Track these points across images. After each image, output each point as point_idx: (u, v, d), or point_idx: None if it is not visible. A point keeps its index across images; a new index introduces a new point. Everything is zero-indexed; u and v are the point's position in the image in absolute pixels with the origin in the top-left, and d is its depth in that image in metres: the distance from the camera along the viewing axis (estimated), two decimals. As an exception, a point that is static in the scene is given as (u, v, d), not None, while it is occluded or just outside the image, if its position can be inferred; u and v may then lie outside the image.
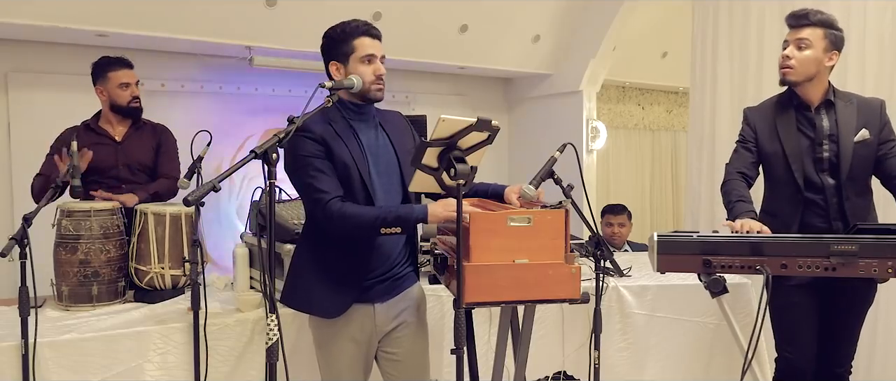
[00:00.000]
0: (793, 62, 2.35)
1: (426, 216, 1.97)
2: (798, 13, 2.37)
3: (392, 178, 2.13)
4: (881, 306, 3.38)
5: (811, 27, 2.34)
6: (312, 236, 2.13)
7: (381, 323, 2.15)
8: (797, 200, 2.39)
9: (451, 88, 5.50)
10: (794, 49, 2.36)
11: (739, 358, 2.01)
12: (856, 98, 2.45)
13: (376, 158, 2.09)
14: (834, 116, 2.39)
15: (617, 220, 4.48)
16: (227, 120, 4.40)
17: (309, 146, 1.98)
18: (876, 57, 3.42)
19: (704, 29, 4.12)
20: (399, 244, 2.17)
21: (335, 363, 2.12)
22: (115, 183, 2.94)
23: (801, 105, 2.43)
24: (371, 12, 4.04)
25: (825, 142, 2.39)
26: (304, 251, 2.15)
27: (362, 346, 2.13)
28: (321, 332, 2.14)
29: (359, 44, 2.05)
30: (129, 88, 2.96)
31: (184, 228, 2.60)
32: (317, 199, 1.98)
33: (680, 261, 2.04)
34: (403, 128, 2.25)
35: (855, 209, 2.36)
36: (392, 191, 2.12)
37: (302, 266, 2.14)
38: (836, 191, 2.36)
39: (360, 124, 2.11)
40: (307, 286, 2.10)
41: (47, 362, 2.11)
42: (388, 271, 2.14)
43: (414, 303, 2.24)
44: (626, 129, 6.73)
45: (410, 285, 2.23)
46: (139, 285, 2.59)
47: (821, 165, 2.39)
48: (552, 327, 2.96)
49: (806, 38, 2.33)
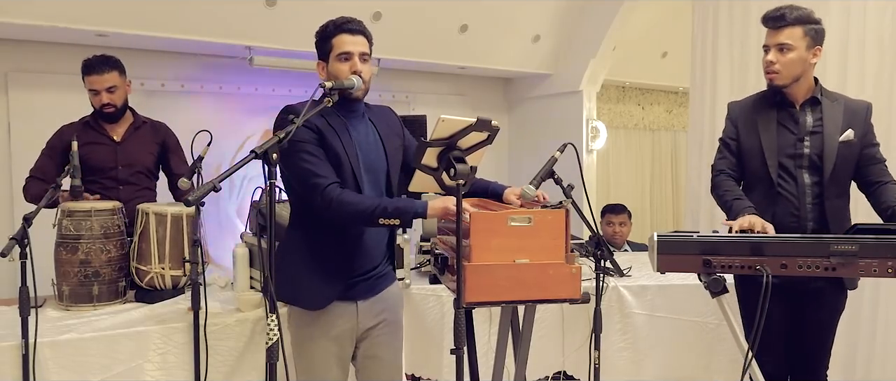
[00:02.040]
0: (777, 67, 2.30)
1: (426, 211, 1.97)
2: (773, 15, 2.30)
3: (378, 175, 2.13)
4: (881, 306, 3.38)
5: (789, 28, 2.28)
6: (301, 228, 2.11)
7: (363, 321, 2.15)
8: (770, 194, 2.36)
9: (451, 88, 5.50)
10: (776, 53, 2.30)
11: (739, 358, 2.01)
12: (842, 98, 2.42)
13: (365, 155, 2.09)
14: (819, 114, 2.36)
15: (617, 220, 4.48)
16: (227, 120, 4.40)
17: (303, 132, 1.96)
18: (876, 57, 3.42)
19: (704, 29, 4.12)
20: (382, 243, 2.17)
21: (314, 362, 2.10)
22: (113, 184, 2.90)
23: (785, 101, 2.40)
24: (371, 12, 4.04)
25: (807, 138, 2.35)
26: (292, 243, 2.12)
27: (342, 344, 2.12)
28: (301, 331, 2.12)
29: (337, 42, 2.05)
30: (98, 95, 2.86)
31: (185, 228, 2.60)
32: (315, 184, 1.96)
33: (680, 261, 2.03)
34: (393, 125, 2.24)
35: (834, 211, 2.33)
36: (377, 188, 2.12)
37: (288, 258, 2.09)
38: (814, 189, 2.33)
39: (352, 120, 2.10)
40: (292, 278, 2.06)
41: (47, 362, 2.11)
42: (373, 269, 2.15)
43: (393, 302, 2.25)
44: (626, 129, 6.73)
45: (390, 284, 2.24)
46: (140, 284, 2.59)
47: (800, 162, 2.35)
48: (552, 327, 2.96)
49: (786, 42, 2.28)
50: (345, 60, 2.04)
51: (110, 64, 2.88)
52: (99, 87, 2.85)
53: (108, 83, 2.85)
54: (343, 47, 2.04)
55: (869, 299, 3.38)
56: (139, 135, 3.00)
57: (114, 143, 2.94)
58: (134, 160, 2.96)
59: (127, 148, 2.96)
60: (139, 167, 2.97)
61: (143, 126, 3.03)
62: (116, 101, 2.89)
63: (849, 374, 3.41)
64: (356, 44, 2.05)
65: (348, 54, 2.04)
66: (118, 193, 2.85)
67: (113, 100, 2.88)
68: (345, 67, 2.04)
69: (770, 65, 2.32)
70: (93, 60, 2.88)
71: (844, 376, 3.38)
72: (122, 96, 2.92)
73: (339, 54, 2.04)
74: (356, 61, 2.05)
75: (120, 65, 2.91)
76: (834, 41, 3.47)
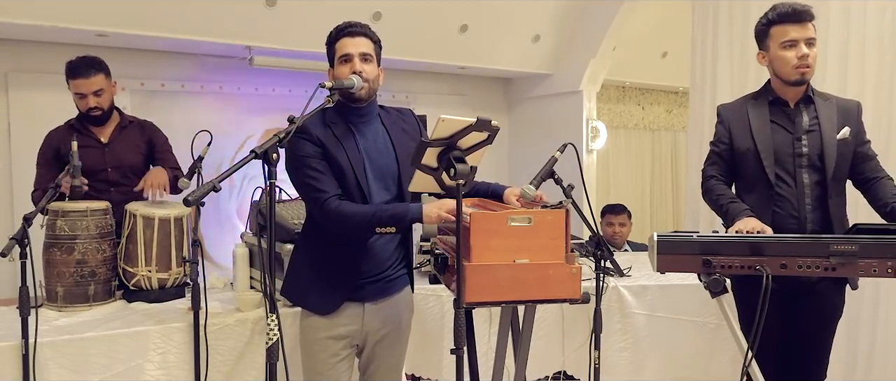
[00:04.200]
0: (811, 61, 2.29)
1: (421, 216, 1.98)
2: (801, 9, 2.29)
3: (388, 180, 2.13)
4: (881, 306, 3.38)
5: (811, 22, 2.30)
6: (310, 235, 2.19)
7: (369, 323, 2.16)
8: (768, 196, 2.35)
9: (451, 88, 5.50)
10: (807, 47, 2.28)
11: (739, 358, 2.01)
12: (833, 98, 2.42)
13: (373, 161, 2.10)
14: (814, 112, 2.36)
15: (617, 220, 4.48)
16: (227, 120, 4.40)
17: (306, 148, 2.03)
18: (876, 57, 3.42)
19: (704, 29, 4.12)
20: (391, 246, 2.18)
21: (320, 362, 2.13)
22: (103, 186, 2.86)
23: (778, 100, 2.39)
24: (371, 12, 4.04)
25: (804, 137, 2.34)
26: (302, 249, 2.22)
27: (348, 344, 2.15)
28: (308, 332, 2.16)
29: (339, 46, 2.10)
30: (85, 99, 2.80)
31: (172, 231, 2.57)
32: (315, 198, 2.03)
33: (680, 261, 2.03)
34: (408, 128, 2.23)
35: (835, 209, 2.33)
36: (389, 193, 2.13)
37: (299, 264, 2.21)
38: (815, 189, 2.32)
39: (361, 125, 2.11)
40: (303, 283, 2.18)
41: (47, 362, 2.11)
42: (381, 272, 2.16)
43: (403, 308, 2.27)
44: (626, 129, 6.73)
45: (402, 289, 2.25)
46: (127, 285, 2.58)
47: (800, 162, 2.34)
48: (552, 327, 2.96)
49: (813, 37, 2.29)
50: (345, 62, 2.07)
51: (96, 66, 2.81)
52: (86, 90, 2.79)
53: (94, 87, 2.79)
54: (343, 50, 2.08)
55: (869, 299, 3.37)
56: (126, 135, 2.97)
57: (101, 145, 2.90)
58: (122, 161, 2.92)
59: (115, 149, 2.92)
60: (128, 168, 2.93)
61: (129, 126, 2.99)
62: (103, 104, 2.84)
63: (849, 374, 3.41)
64: (356, 45, 2.07)
65: (348, 56, 2.07)
66: (109, 195, 2.81)
67: (100, 103, 2.83)
68: (345, 69, 2.06)
69: (804, 59, 2.28)
70: (77, 63, 2.80)
71: (845, 376, 3.37)
72: (108, 99, 2.87)
73: (340, 57, 2.09)
74: (356, 61, 2.06)
75: (105, 66, 2.85)
76: (834, 41, 3.47)
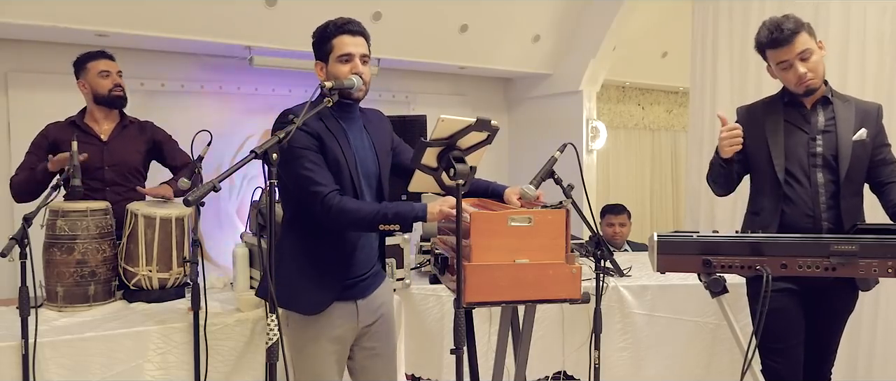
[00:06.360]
0: (810, 75, 2.28)
1: (425, 214, 1.96)
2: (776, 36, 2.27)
3: (371, 179, 2.12)
4: (881, 306, 3.38)
5: (795, 36, 2.26)
6: (297, 231, 2.07)
7: (363, 319, 2.15)
8: (780, 195, 2.35)
9: (451, 88, 5.50)
10: (801, 63, 2.28)
11: (739, 358, 2.01)
12: (853, 99, 2.42)
13: (362, 160, 2.09)
14: (830, 113, 2.36)
15: (617, 220, 4.48)
16: (227, 120, 4.40)
17: (303, 138, 1.95)
18: (876, 57, 3.42)
19: (704, 29, 4.12)
20: (374, 244, 2.18)
21: (315, 363, 2.08)
22: (100, 186, 2.85)
23: (794, 101, 2.39)
24: (371, 12, 4.04)
25: (819, 137, 2.35)
26: (288, 246, 2.07)
27: (342, 344, 2.12)
28: (300, 333, 2.08)
29: (337, 43, 2.03)
30: (110, 77, 2.87)
31: (173, 231, 2.57)
32: (315, 191, 1.95)
33: (680, 261, 2.03)
34: (384, 130, 2.24)
35: (849, 209, 2.32)
36: (372, 193, 2.12)
37: (284, 263, 2.03)
38: (829, 187, 2.32)
39: (349, 123, 2.10)
40: (288, 282, 2.00)
41: (47, 362, 2.11)
42: (370, 268, 2.15)
43: (388, 298, 2.27)
44: (626, 129, 6.73)
45: (383, 280, 2.26)
46: (127, 285, 2.57)
47: (814, 161, 2.34)
48: (552, 327, 2.96)
49: (803, 49, 2.27)
50: (346, 62, 2.03)
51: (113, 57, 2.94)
52: (111, 69, 2.89)
53: (118, 68, 2.92)
54: (344, 49, 2.03)
55: (869, 299, 3.37)
56: (126, 134, 2.98)
57: (101, 142, 2.90)
58: (121, 160, 2.92)
59: (114, 147, 2.92)
60: (126, 167, 2.93)
61: (130, 126, 3.00)
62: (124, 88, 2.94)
63: (850, 374, 3.41)
64: (357, 45, 2.05)
65: (349, 56, 2.03)
66: (104, 194, 2.81)
67: (122, 84, 2.93)
68: (345, 69, 2.03)
69: (804, 76, 2.28)
70: (94, 51, 2.92)
71: (846, 376, 3.37)
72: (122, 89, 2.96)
73: (339, 56, 2.03)
74: (357, 63, 2.04)
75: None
76: (834, 41, 3.47)
